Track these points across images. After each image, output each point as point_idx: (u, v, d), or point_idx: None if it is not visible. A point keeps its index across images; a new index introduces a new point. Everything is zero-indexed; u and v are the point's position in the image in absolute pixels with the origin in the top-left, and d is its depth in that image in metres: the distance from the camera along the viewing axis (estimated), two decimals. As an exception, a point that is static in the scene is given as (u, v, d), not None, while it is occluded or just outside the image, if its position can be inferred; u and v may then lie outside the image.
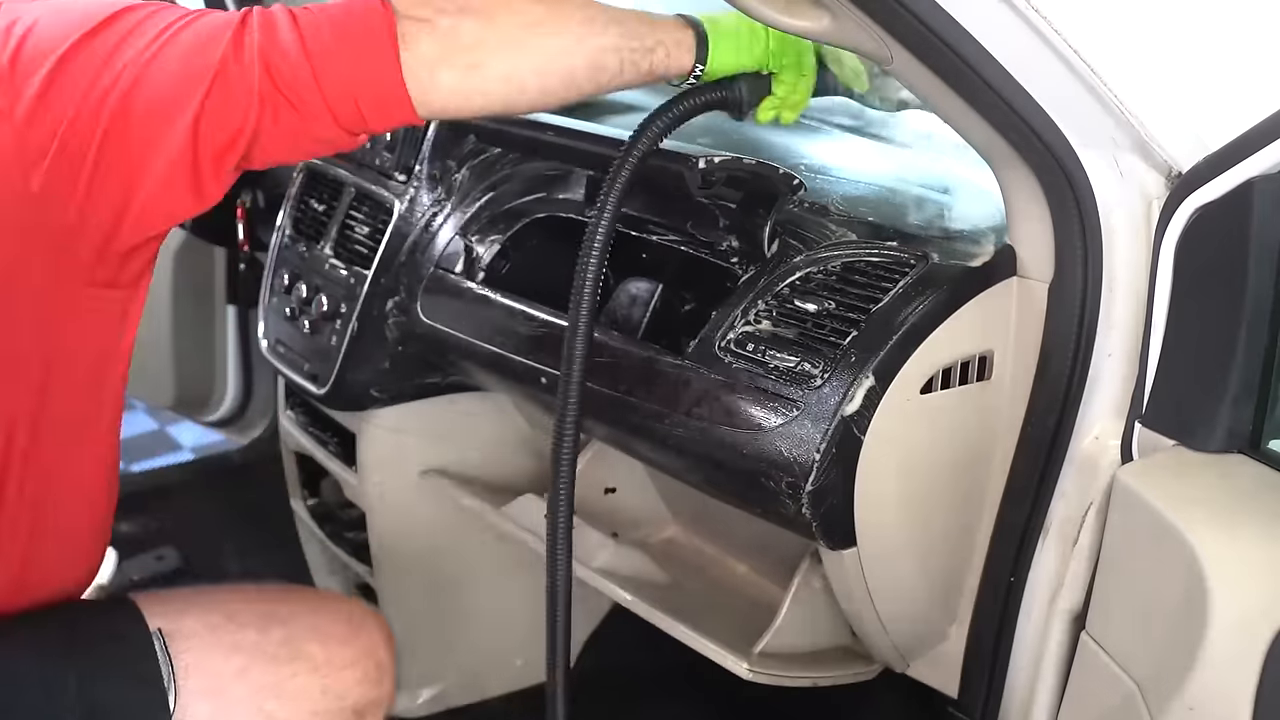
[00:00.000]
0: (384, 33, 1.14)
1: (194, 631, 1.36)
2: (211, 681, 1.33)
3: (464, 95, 1.21)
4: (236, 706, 1.34)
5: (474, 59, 1.18)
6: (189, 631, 1.35)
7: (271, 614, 1.42)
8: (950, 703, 1.53)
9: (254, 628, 1.38)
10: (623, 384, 1.46)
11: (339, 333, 1.83)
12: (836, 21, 1.17)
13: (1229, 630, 1.01)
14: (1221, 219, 1.14)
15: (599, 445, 1.84)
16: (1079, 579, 1.32)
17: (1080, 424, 1.31)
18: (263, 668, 1.37)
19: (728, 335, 1.39)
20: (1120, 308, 1.26)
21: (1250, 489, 1.12)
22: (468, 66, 1.18)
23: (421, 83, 1.17)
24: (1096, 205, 1.24)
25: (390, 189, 1.84)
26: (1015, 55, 1.14)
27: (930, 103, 1.28)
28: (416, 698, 2.15)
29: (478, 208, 1.79)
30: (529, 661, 2.21)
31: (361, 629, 1.48)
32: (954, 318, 1.32)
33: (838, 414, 1.27)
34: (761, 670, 1.53)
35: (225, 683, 1.34)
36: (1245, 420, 1.15)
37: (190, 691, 1.31)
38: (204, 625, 1.37)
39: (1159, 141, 1.20)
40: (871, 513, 1.34)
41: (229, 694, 1.34)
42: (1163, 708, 1.07)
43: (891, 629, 1.49)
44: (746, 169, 1.42)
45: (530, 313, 1.62)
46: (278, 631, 1.41)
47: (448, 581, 2.07)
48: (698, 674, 1.75)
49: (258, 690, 1.36)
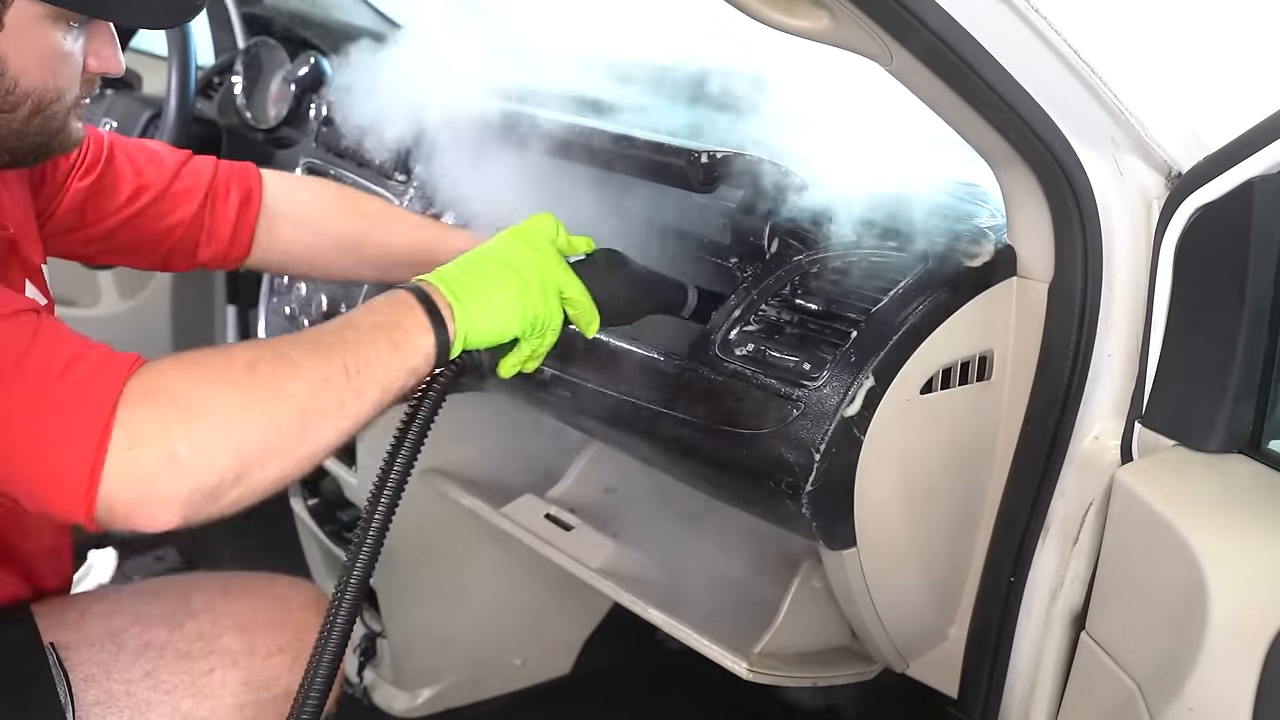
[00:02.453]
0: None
1: (93, 640, 1.31)
2: (115, 690, 1.28)
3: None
4: (148, 712, 1.29)
5: None
6: (90, 639, 1.30)
7: (183, 609, 1.37)
8: (950, 703, 1.53)
9: (163, 625, 1.33)
10: (623, 384, 1.46)
11: (339, 333, 1.82)
12: (836, 21, 1.17)
13: (1229, 630, 1.01)
14: (1221, 219, 1.14)
15: (599, 445, 1.84)
16: (1079, 579, 1.32)
17: (1080, 424, 1.31)
18: (174, 668, 1.32)
19: (728, 335, 1.39)
20: (1120, 308, 1.26)
21: (1250, 489, 1.12)
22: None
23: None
24: (1096, 205, 1.24)
25: (390, 189, 1.84)
26: (1015, 55, 1.14)
27: (930, 103, 1.27)
28: (416, 698, 2.15)
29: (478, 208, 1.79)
30: (529, 661, 2.21)
31: (290, 610, 1.41)
32: (954, 318, 1.32)
33: (838, 414, 1.27)
34: (761, 670, 1.52)
35: (132, 688, 1.29)
36: (1245, 420, 1.15)
37: (90, 703, 1.26)
38: (105, 632, 1.32)
39: (1159, 141, 1.20)
40: (871, 513, 1.34)
41: (136, 699, 1.29)
42: (1163, 708, 1.07)
43: (891, 629, 1.49)
44: (749, 165, 1.42)
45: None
46: (190, 626, 1.35)
47: (448, 581, 2.07)
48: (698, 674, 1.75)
49: (169, 692, 1.31)
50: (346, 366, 1.05)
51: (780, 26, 1.20)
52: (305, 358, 1.04)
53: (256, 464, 1.00)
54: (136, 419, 0.96)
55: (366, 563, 1.12)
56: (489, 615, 2.13)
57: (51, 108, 1.17)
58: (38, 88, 1.15)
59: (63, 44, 1.15)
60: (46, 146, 1.20)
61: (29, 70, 1.14)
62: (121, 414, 0.95)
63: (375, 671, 2.19)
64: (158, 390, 0.98)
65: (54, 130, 1.19)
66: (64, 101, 1.18)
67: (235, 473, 0.99)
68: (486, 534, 1.98)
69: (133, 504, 0.96)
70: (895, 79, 1.24)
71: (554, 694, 2.23)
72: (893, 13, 1.11)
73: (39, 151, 1.20)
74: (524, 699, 2.20)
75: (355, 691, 2.18)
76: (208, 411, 0.98)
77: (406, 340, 1.10)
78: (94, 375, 0.98)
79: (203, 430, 0.97)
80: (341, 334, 1.07)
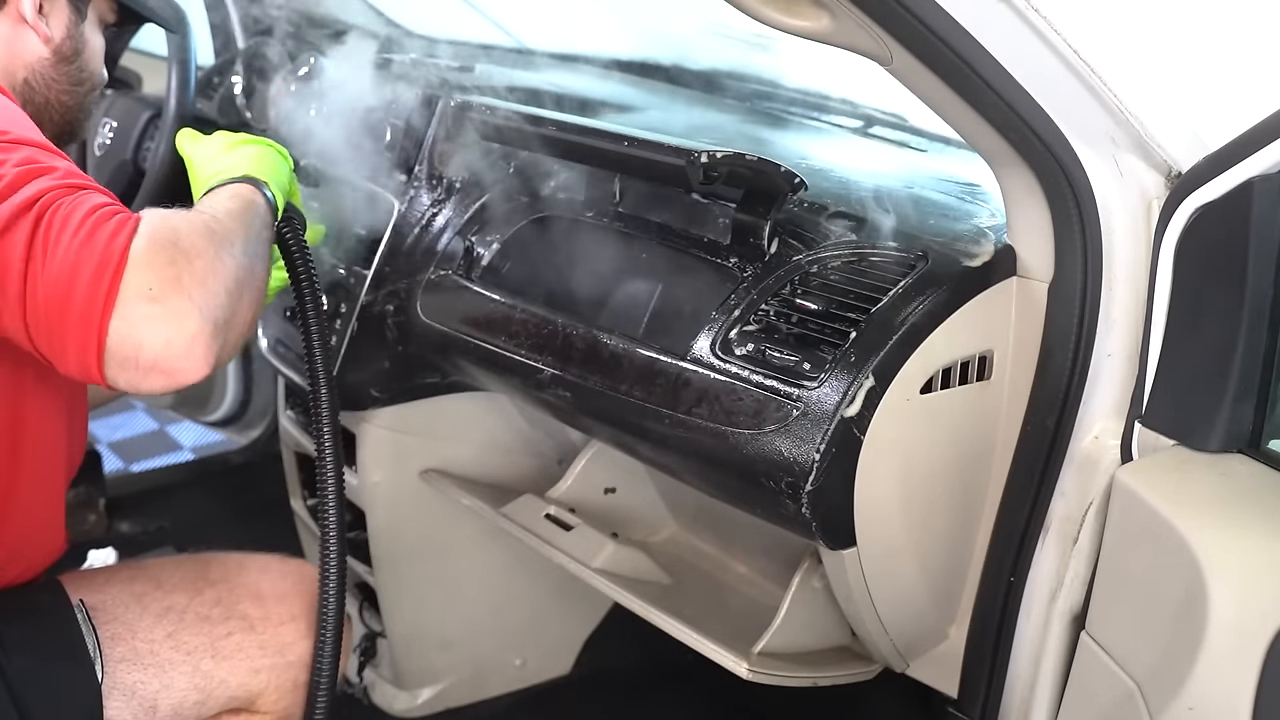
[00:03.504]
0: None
1: (119, 601, 1.38)
2: (140, 648, 1.35)
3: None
4: (170, 670, 1.35)
5: None
6: (114, 602, 1.37)
7: (202, 576, 1.44)
8: (950, 703, 1.53)
9: (183, 591, 1.39)
10: (623, 384, 1.46)
11: (339, 333, 1.83)
12: (836, 21, 1.17)
13: (1228, 630, 1.01)
14: (1221, 219, 1.14)
15: (599, 445, 1.84)
16: (1079, 579, 1.32)
17: (1080, 424, 1.31)
18: (195, 629, 1.38)
19: (728, 335, 1.39)
20: (1120, 307, 1.26)
21: (1250, 489, 1.12)
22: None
23: None
24: (1096, 205, 1.24)
25: (390, 189, 1.84)
26: (1015, 55, 1.14)
27: (930, 103, 1.28)
28: (416, 698, 2.15)
29: (478, 207, 1.79)
30: (529, 661, 2.21)
31: (302, 584, 1.49)
32: (954, 318, 1.32)
33: (838, 414, 1.27)
34: (761, 670, 1.52)
35: (156, 648, 1.36)
36: (1245, 420, 1.15)
37: (117, 660, 1.33)
38: (129, 595, 1.39)
39: (1159, 141, 1.20)
40: (871, 513, 1.34)
41: (160, 658, 1.35)
42: (1162, 708, 1.07)
43: (891, 629, 1.49)
44: (748, 165, 1.42)
45: (530, 312, 1.61)
46: (209, 593, 1.42)
47: (448, 581, 2.07)
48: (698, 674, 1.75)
49: (190, 652, 1.37)
50: (246, 223, 1.22)
51: (780, 26, 1.20)
52: (230, 221, 1.19)
53: (237, 299, 1.11)
54: (150, 262, 1.05)
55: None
56: (489, 615, 2.13)
57: (95, 93, 1.51)
58: (95, 74, 1.50)
59: (102, 42, 1.51)
60: (80, 128, 1.51)
61: (93, 58, 1.49)
62: (133, 261, 1.05)
63: (375, 671, 2.19)
64: (163, 235, 1.08)
65: (87, 114, 1.51)
66: (98, 88, 1.51)
67: (229, 306, 1.10)
68: (486, 534, 1.98)
69: (163, 346, 1.04)
70: (895, 79, 1.24)
71: (554, 694, 2.23)
72: (893, 13, 1.11)
73: (76, 131, 1.49)
74: (524, 699, 2.20)
75: (355, 691, 2.18)
76: (198, 254, 1.08)
77: (258, 208, 1.27)
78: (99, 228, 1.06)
79: (200, 270, 1.07)
80: (224, 206, 1.23)
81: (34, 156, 1.13)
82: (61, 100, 1.45)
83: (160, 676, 1.34)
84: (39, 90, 1.43)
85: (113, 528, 2.53)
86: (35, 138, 1.19)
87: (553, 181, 1.79)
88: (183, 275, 1.05)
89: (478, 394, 1.91)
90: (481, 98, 1.78)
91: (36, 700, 1.25)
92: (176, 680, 1.36)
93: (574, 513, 1.81)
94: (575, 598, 2.15)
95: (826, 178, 1.62)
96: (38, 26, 1.40)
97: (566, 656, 2.26)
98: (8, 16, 1.39)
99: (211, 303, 1.06)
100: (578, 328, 1.54)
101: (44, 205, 1.06)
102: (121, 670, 1.33)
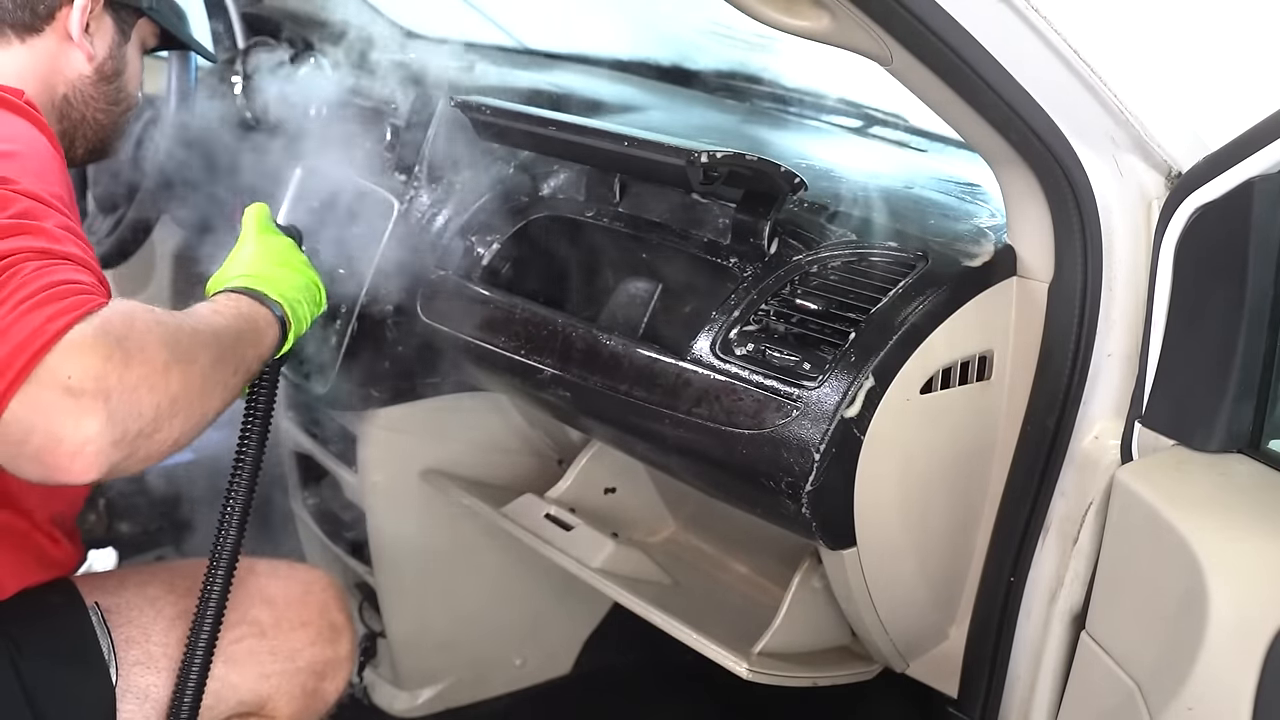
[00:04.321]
0: None
1: (133, 604, 1.38)
2: (154, 651, 1.35)
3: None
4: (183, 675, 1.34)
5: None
6: (128, 605, 1.38)
7: None
8: (950, 703, 1.53)
9: (196, 596, 1.38)
10: (623, 384, 1.46)
11: (339, 333, 1.83)
12: (836, 21, 1.17)
13: (1228, 630, 1.01)
14: (1221, 219, 1.14)
15: (599, 445, 1.84)
16: (1079, 579, 1.32)
17: (1080, 424, 1.31)
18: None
19: (728, 335, 1.39)
20: (1120, 307, 1.26)
21: (1250, 489, 1.12)
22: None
23: None
24: (1096, 205, 1.24)
25: (390, 189, 1.84)
26: (1015, 55, 1.14)
27: (930, 103, 1.28)
28: (416, 698, 2.15)
29: (478, 208, 1.79)
30: (529, 661, 2.21)
31: (312, 591, 1.50)
32: (954, 318, 1.32)
33: (838, 414, 1.27)
34: (761, 670, 1.52)
35: (169, 651, 1.36)
36: (1245, 420, 1.15)
37: (132, 663, 1.33)
38: (143, 598, 1.40)
39: (1159, 141, 1.20)
40: (871, 513, 1.34)
41: (173, 662, 1.35)
42: (1162, 708, 1.07)
43: (891, 629, 1.49)
44: (748, 165, 1.42)
45: (530, 312, 1.61)
46: None
47: (448, 581, 2.07)
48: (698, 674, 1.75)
49: None
50: (232, 349, 1.17)
51: (780, 26, 1.20)
52: (207, 335, 1.13)
53: (167, 419, 1.04)
54: (83, 351, 0.98)
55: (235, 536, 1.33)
56: (489, 615, 2.13)
57: (129, 114, 1.52)
58: (132, 95, 1.51)
59: (141, 65, 1.53)
60: (112, 147, 1.52)
61: (132, 79, 1.51)
62: (66, 345, 0.97)
63: (375, 671, 2.19)
64: (113, 329, 1.01)
65: (121, 134, 1.52)
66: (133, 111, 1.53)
67: (153, 424, 1.02)
68: (486, 534, 1.98)
69: (52, 439, 0.96)
70: (895, 79, 1.24)
71: (554, 694, 2.23)
72: (893, 13, 1.11)
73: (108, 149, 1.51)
74: (524, 699, 2.20)
75: (355, 691, 2.18)
76: (142, 361, 1.01)
77: (263, 339, 1.25)
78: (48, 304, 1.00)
79: (135, 376, 1.00)
80: (222, 324, 1.19)
81: (31, 211, 1.09)
82: (97, 118, 1.47)
83: (173, 680, 1.34)
84: (76, 107, 1.44)
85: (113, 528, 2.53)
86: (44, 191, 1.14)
87: (553, 181, 1.79)
88: (111, 376, 0.98)
89: (478, 394, 1.91)
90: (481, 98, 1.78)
91: (51, 702, 1.25)
92: None
93: (574, 513, 1.81)
94: (575, 598, 2.15)
95: (826, 178, 1.62)
96: (83, 44, 1.42)
97: (566, 656, 2.26)
98: (54, 33, 1.40)
99: (130, 412, 0.99)
100: (578, 328, 1.54)
101: (9, 264, 1.02)
102: (135, 673, 1.33)
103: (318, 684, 1.50)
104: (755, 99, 2.25)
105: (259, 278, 1.30)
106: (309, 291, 1.35)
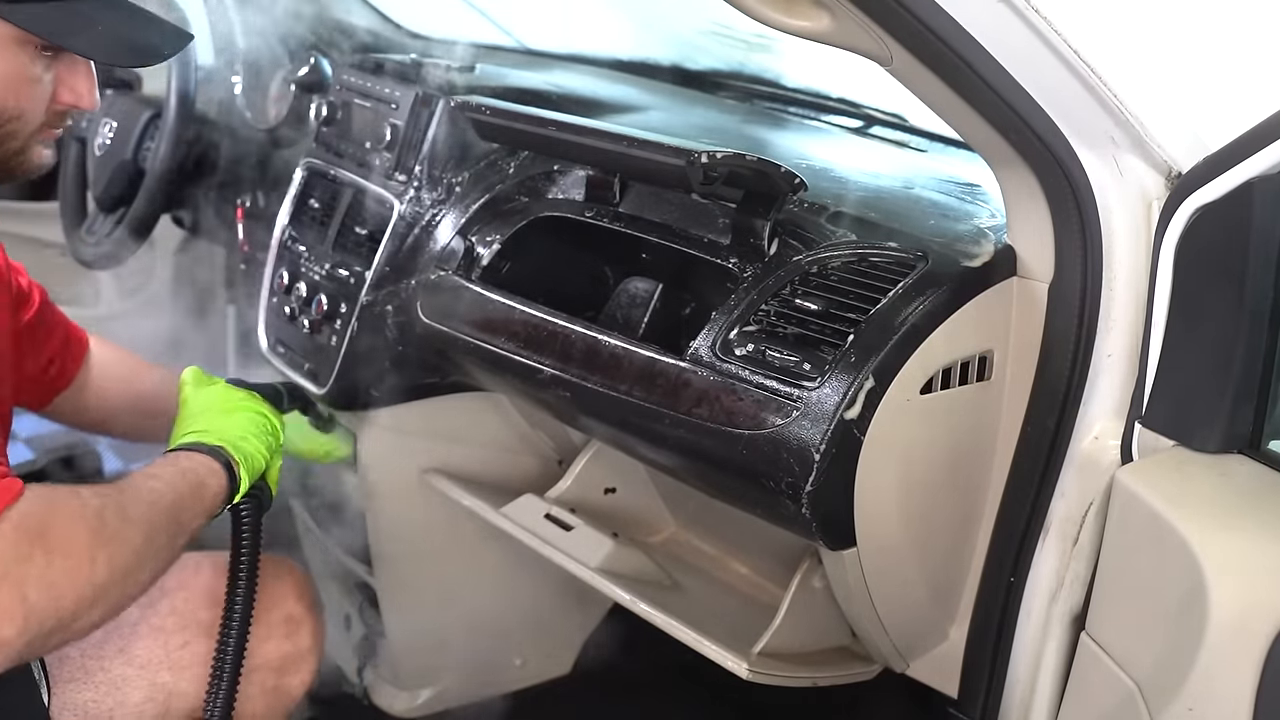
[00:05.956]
0: None
1: None
2: (89, 666, 1.31)
3: None
4: (124, 687, 1.31)
5: None
6: None
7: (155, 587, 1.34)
8: (950, 703, 1.53)
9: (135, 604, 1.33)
10: (623, 384, 1.46)
11: (339, 332, 1.83)
12: (836, 21, 1.17)
13: (1228, 630, 1.01)
14: (1221, 219, 1.14)
15: (599, 445, 1.84)
16: (1079, 579, 1.32)
17: (1080, 424, 1.31)
18: (148, 642, 1.34)
19: (728, 335, 1.39)
20: (1120, 308, 1.26)
21: (1250, 489, 1.12)
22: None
23: None
24: (1096, 205, 1.24)
25: (390, 189, 1.84)
26: (1015, 55, 1.14)
27: (930, 103, 1.28)
28: (416, 698, 2.15)
29: (478, 208, 1.79)
30: (529, 661, 2.21)
31: (264, 583, 1.44)
32: (954, 318, 1.32)
33: (838, 414, 1.27)
34: (761, 670, 1.52)
35: (106, 664, 1.32)
36: (1245, 420, 1.15)
37: (65, 680, 1.28)
38: None
39: (1159, 141, 1.20)
40: (871, 513, 1.34)
41: (112, 675, 1.31)
42: (1162, 708, 1.07)
43: (891, 629, 1.49)
44: (748, 165, 1.42)
45: (530, 312, 1.61)
46: (164, 603, 1.38)
47: (448, 581, 2.07)
48: (698, 674, 1.75)
49: (144, 666, 1.33)
50: (169, 513, 1.16)
51: (780, 26, 1.20)
52: (140, 507, 1.12)
53: (87, 609, 1.03)
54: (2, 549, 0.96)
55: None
56: (489, 615, 2.13)
57: (9, 126, 1.21)
58: (11, 106, 1.20)
59: (29, 68, 1.19)
60: (5, 164, 1.25)
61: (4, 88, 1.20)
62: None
63: (375, 671, 2.19)
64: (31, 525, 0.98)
65: (13, 150, 1.24)
66: (24, 123, 1.22)
67: (72, 615, 1.01)
68: (486, 534, 1.98)
69: None
70: (895, 79, 1.24)
71: (554, 694, 2.23)
72: (893, 13, 1.11)
73: (12, 169, 1.25)
74: (524, 699, 2.20)
75: (355, 691, 2.18)
76: (65, 554, 1.00)
77: (206, 491, 1.25)
78: None
79: (57, 572, 0.99)
80: (159, 488, 1.18)
81: None
82: None
83: (113, 694, 1.31)
84: None
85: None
86: None
87: (552, 181, 1.79)
88: (30, 576, 0.96)
89: (478, 394, 1.91)
90: (481, 98, 1.78)
91: None
92: (131, 696, 1.32)
93: (574, 513, 1.81)
94: (575, 598, 2.15)
95: (826, 178, 1.62)
96: None
97: (566, 656, 2.26)
98: None
99: (49, 609, 0.98)
100: (578, 328, 1.54)
101: None
102: (70, 690, 1.29)
103: (278, 680, 1.45)
104: (755, 99, 2.25)
105: (197, 431, 1.31)
106: (256, 426, 1.35)
